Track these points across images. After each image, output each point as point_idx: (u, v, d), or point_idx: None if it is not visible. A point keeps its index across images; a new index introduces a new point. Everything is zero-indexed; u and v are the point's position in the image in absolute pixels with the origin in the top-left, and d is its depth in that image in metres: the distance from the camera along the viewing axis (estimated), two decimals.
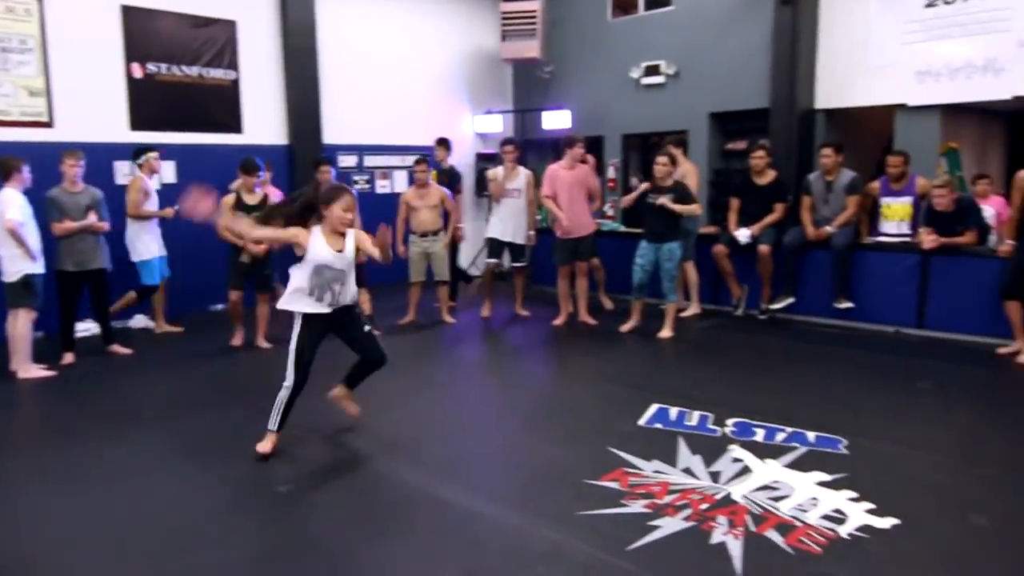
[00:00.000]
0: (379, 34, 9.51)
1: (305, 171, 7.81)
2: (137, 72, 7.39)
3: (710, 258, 7.03)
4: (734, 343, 6.32)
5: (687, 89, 9.24)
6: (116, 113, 7.27)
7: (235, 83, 8.11)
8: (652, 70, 9.45)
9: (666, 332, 6.34)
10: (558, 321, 6.95)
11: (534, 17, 9.67)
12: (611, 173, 10.24)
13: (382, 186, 9.68)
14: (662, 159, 6.25)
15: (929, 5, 7.38)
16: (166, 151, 7.28)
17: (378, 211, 8.26)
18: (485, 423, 4.43)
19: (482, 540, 2.97)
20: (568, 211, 6.67)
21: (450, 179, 7.79)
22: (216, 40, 7.93)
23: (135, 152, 6.61)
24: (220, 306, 7.36)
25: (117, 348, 6.01)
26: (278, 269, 6.14)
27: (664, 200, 6.11)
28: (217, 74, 7.96)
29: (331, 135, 8.90)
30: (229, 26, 8.03)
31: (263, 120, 8.37)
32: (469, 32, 10.48)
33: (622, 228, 8.86)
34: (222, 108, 8.03)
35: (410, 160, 9.08)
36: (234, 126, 8.11)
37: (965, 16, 7.17)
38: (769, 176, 6.85)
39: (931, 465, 3.68)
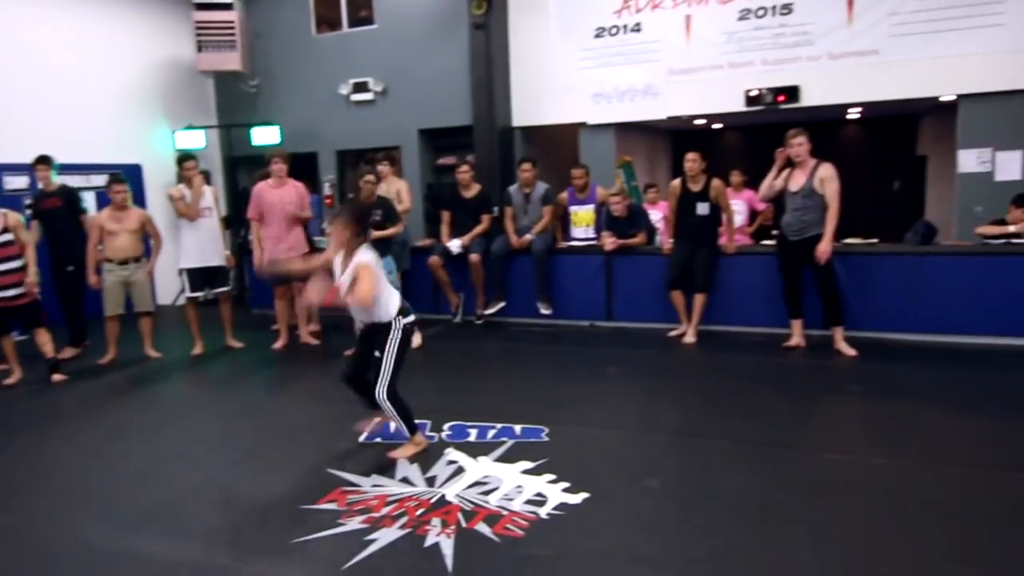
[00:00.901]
0: (52, 41, 8.43)
1: None
2: None
3: (427, 269, 7.28)
4: (453, 349, 6.61)
5: (396, 106, 9.49)
6: None
7: None
8: (361, 87, 9.55)
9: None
10: (278, 345, 6.72)
11: (232, 28, 9.25)
12: (327, 190, 10.14)
13: None
14: (369, 177, 6.41)
15: (597, 36, 8.42)
16: None
17: None
18: (193, 463, 4.13)
19: None
20: (276, 230, 6.48)
21: (66, 202, 6.70)
22: None
23: None
24: None
25: None
26: None
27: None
28: None
29: None
30: None
31: None
32: (160, 41, 9.71)
33: None
34: None
35: (97, 180, 8.21)
36: None
37: (626, 47, 8.30)
38: (475, 189, 7.27)
39: (616, 440, 4.19)
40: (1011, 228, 5.99)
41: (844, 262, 5.94)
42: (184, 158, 6.66)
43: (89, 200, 8.61)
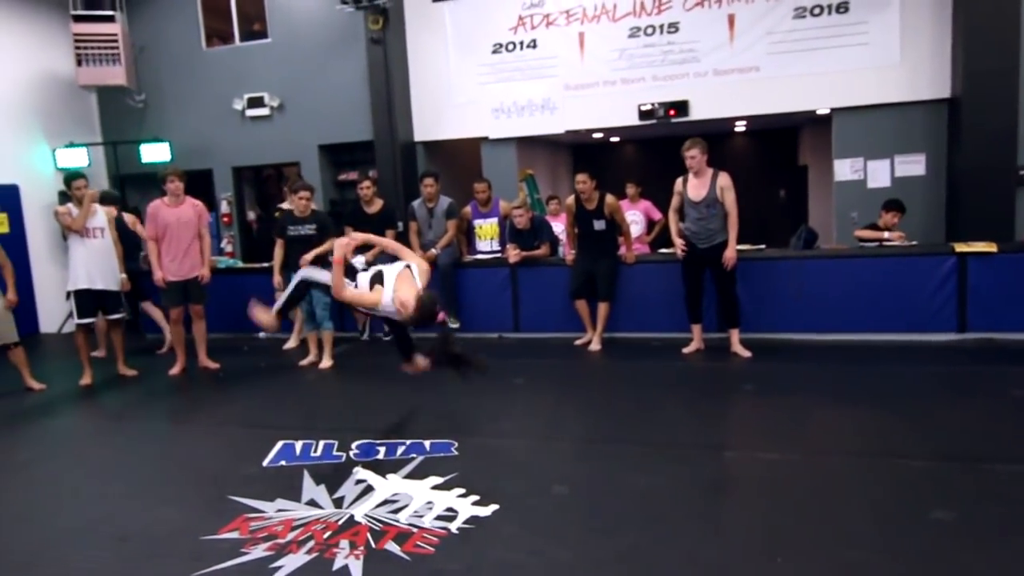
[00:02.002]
0: None
1: None
2: None
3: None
4: (360, 367, 6.52)
5: (294, 121, 9.30)
6: None
7: None
8: (256, 102, 9.32)
9: (327, 362, 6.37)
10: (175, 370, 6.43)
11: (115, 41, 8.84)
12: (224, 208, 9.82)
13: None
14: (305, 194, 6.42)
15: (495, 52, 8.55)
16: None
17: None
18: (82, 498, 3.90)
19: None
20: (175, 251, 6.23)
21: None
22: None
23: None
24: None
25: None
26: None
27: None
28: None
29: None
30: None
31: None
32: (36, 55, 9.16)
33: (240, 264, 8.57)
34: None
35: None
36: None
37: (523, 63, 8.46)
38: (378, 205, 7.19)
39: (525, 450, 4.24)
40: (885, 234, 6.45)
41: (737, 267, 6.23)
42: (73, 177, 6.30)
43: None
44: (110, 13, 8.88)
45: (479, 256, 7.30)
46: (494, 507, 3.43)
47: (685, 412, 4.83)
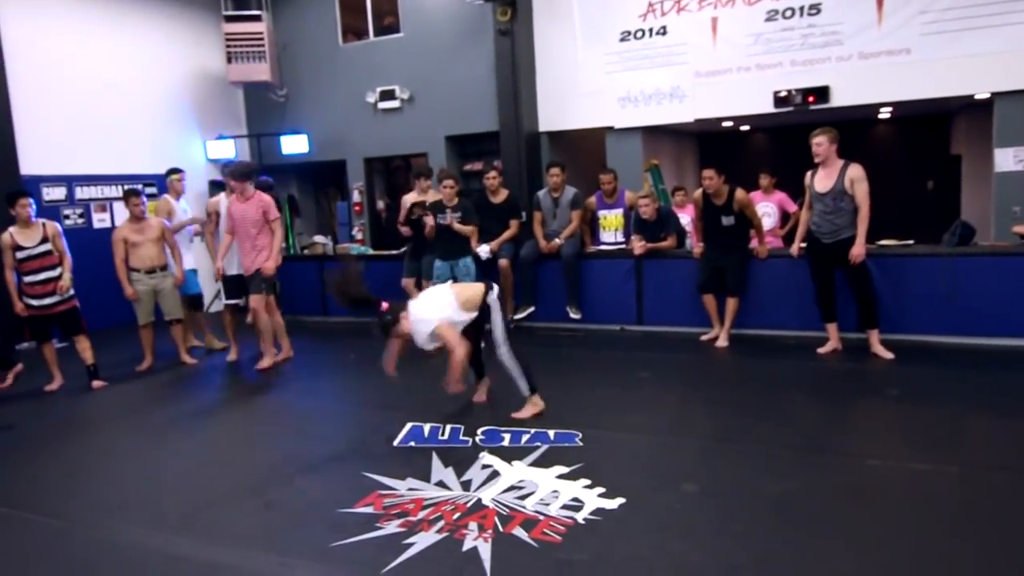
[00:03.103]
0: (86, 52, 8.65)
1: None
2: None
3: None
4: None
5: (423, 113, 9.54)
6: None
7: None
8: (387, 95, 9.63)
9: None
10: (263, 364, 6.36)
11: (261, 39, 9.39)
12: (356, 197, 10.23)
13: (100, 220, 8.76)
14: (449, 182, 6.70)
15: (623, 40, 8.41)
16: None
17: (97, 249, 7.43)
18: (231, 466, 4.19)
19: None
20: (241, 246, 6.32)
21: None
22: None
23: (167, 172, 7.08)
24: None
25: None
26: None
27: (452, 220, 6.64)
28: None
29: (30, 164, 7.91)
30: None
31: None
32: (191, 53, 9.88)
33: (371, 251, 8.90)
34: None
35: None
36: None
37: (652, 50, 8.27)
38: (503, 195, 7.27)
39: (650, 444, 4.16)
40: None
41: (879, 264, 5.85)
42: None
43: (122, 211, 8.82)
44: (257, 13, 9.44)
45: (603, 247, 7.23)
46: (621, 500, 3.38)
47: (822, 415, 4.59)
